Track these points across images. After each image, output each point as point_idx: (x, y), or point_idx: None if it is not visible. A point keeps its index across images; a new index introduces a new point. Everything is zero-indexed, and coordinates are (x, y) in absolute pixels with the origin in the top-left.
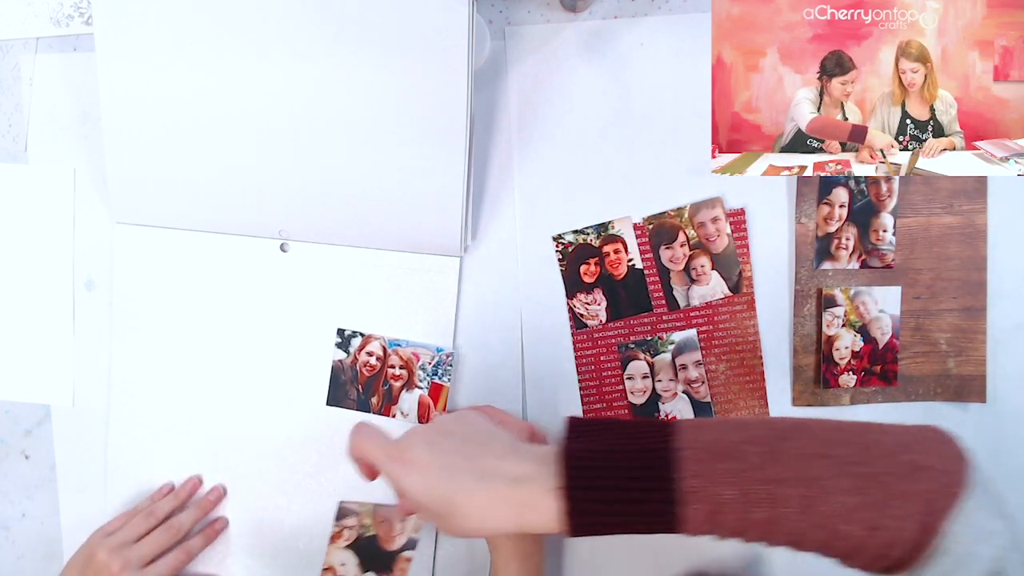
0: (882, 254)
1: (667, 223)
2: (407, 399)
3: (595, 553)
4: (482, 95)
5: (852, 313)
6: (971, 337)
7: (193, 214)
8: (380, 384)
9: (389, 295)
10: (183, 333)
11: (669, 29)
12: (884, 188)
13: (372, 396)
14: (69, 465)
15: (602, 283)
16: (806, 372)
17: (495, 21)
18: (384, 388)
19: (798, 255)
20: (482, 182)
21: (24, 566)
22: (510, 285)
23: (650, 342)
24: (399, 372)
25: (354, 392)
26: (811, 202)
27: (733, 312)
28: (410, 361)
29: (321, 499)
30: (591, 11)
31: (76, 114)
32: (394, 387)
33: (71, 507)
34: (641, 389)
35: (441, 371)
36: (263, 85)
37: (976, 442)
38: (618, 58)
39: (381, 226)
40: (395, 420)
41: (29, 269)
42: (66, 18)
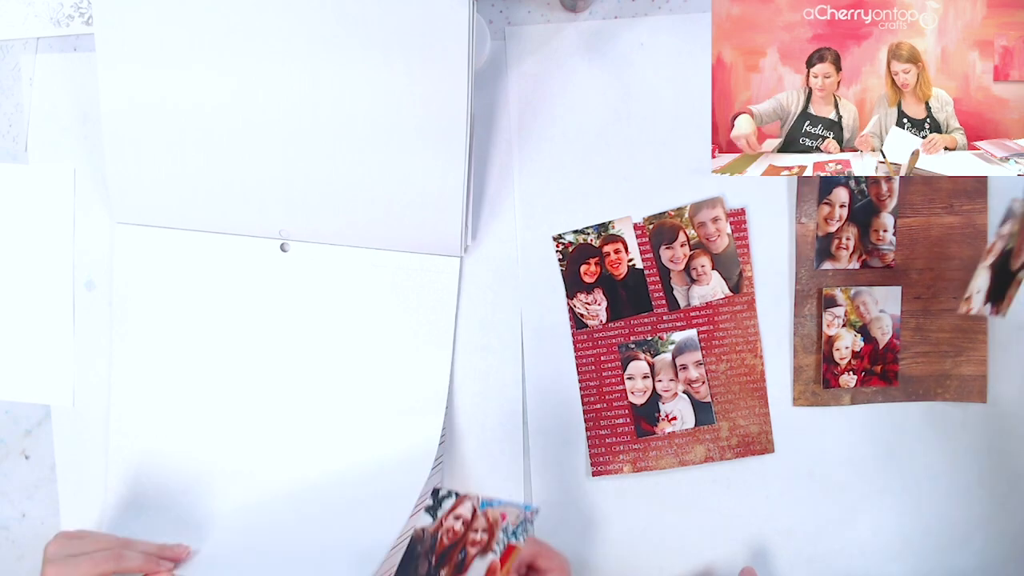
0: (882, 254)
1: (667, 223)
2: (478, 567)
3: (595, 553)
4: (482, 95)
5: (852, 313)
6: (971, 337)
7: (193, 214)
8: (456, 553)
9: (389, 295)
10: (183, 333)
11: (669, 29)
12: (884, 188)
13: (442, 568)
14: (69, 465)
15: (602, 283)
16: (806, 372)
17: (495, 21)
18: (459, 557)
19: (798, 255)
20: (482, 182)
21: (24, 566)
22: (510, 285)
23: (650, 342)
24: (480, 537)
25: (425, 566)
26: (811, 202)
27: (733, 312)
28: (495, 523)
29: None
30: (591, 11)
31: (76, 114)
32: (469, 554)
33: (71, 507)
34: (641, 389)
35: (521, 531)
36: (263, 85)
37: (976, 442)
38: (618, 58)
39: (381, 226)
40: None
41: (29, 269)
42: (66, 18)
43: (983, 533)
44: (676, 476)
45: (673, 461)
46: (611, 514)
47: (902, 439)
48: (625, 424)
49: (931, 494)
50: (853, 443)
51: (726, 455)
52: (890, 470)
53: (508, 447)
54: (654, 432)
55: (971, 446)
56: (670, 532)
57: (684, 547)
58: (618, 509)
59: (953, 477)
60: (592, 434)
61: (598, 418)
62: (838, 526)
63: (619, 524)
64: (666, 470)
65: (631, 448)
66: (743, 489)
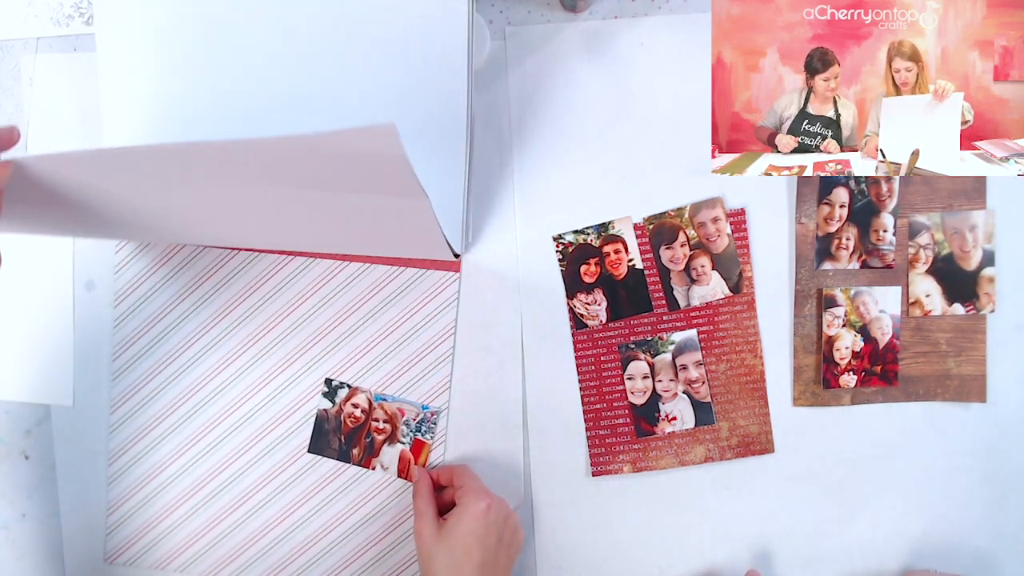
0: (882, 254)
1: (667, 223)
2: (388, 452)
3: (595, 553)
4: (482, 95)
5: (852, 313)
6: (971, 337)
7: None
8: (363, 436)
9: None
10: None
11: (669, 29)
12: (884, 188)
13: (354, 447)
14: (69, 465)
15: (602, 283)
16: (806, 372)
17: (495, 21)
18: (367, 440)
19: (798, 255)
20: (482, 182)
21: (24, 566)
22: (510, 285)
23: (650, 342)
24: (383, 426)
25: (336, 442)
26: (811, 202)
27: (733, 312)
28: (395, 416)
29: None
30: (591, 11)
31: (76, 114)
32: (376, 440)
33: (71, 507)
34: (641, 389)
35: (425, 428)
36: (263, 85)
37: (976, 442)
38: (618, 58)
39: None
40: (375, 472)
41: (29, 269)
42: (66, 18)
43: (983, 533)
44: (676, 476)
45: (673, 461)
46: (611, 514)
47: (902, 439)
48: (625, 424)
49: (931, 494)
50: (853, 443)
51: (726, 455)
52: (890, 470)
53: (508, 447)
54: (654, 432)
55: (971, 446)
56: (670, 532)
57: (684, 547)
58: (618, 509)
59: (953, 477)
60: (592, 434)
61: (598, 418)
62: (838, 526)
63: (619, 524)
64: (666, 470)
65: (631, 448)
66: (743, 489)
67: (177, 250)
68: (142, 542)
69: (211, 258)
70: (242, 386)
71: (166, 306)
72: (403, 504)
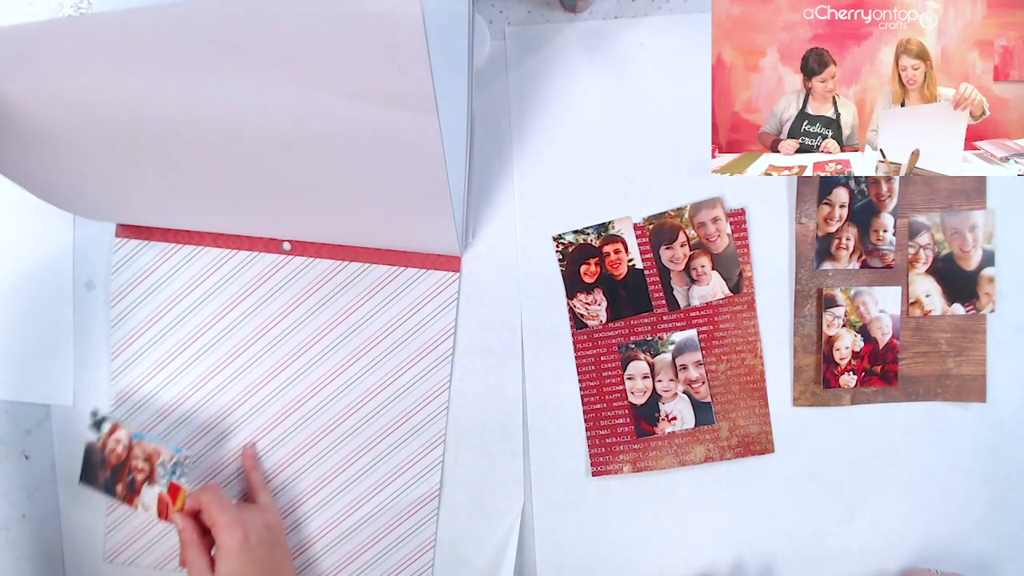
0: (882, 254)
1: (667, 223)
2: (148, 493)
3: (595, 553)
4: (482, 95)
5: (852, 313)
6: (971, 337)
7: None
8: (125, 473)
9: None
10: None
11: (669, 29)
12: (884, 188)
13: (118, 483)
14: (69, 465)
15: (602, 283)
16: (806, 372)
17: (495, 21)
18: (129, 478)
19: (798, 255)
20: (482, 182)
21: (24, 566)
22: (510, 285)
23: (650, 342)
24: (142, 465)
25: (102, 476)
26: (811, 202)
27: (733, 312)
28: (152, 456)
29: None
30: (591, 11)
31: None
32: (137, 479)
33: (71, 507)
34: (641, 389)
35: (179, 472)
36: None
37: (976, 442)
38: (618, 58)
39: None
40: (139, 511)
41: (29, 269)
42: None
43: (983, 533)
44: (676, 476)
45: (673, 461)
46: (611, 514)
47: (902, 439)
48: (625, 424)
49: (931, 494)
50: (853, 443)
51: (726, 455)
52: (890, 470)
53: (508, 447)
54: (654, 432)
55: (971, 446)
56: (670, 532)
57: (684, 547)
58: (618, 509)
59: (953, 477)
60: (592, 434)
61: (598, 418)
62: (838, 526)
63: (619, 524)
64: (666, 470)
65: (631, 448)
66: (743, 489)
67: (177, 250)
68: (142, 542)
69: (211, 258)
70: (242, 386)
71: (166, 306)
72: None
